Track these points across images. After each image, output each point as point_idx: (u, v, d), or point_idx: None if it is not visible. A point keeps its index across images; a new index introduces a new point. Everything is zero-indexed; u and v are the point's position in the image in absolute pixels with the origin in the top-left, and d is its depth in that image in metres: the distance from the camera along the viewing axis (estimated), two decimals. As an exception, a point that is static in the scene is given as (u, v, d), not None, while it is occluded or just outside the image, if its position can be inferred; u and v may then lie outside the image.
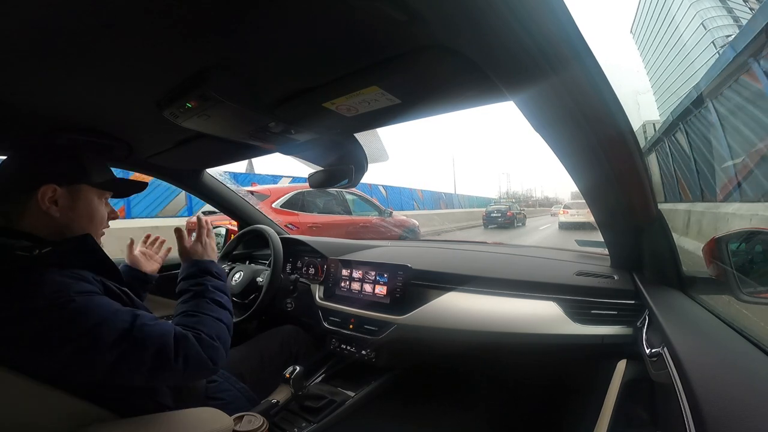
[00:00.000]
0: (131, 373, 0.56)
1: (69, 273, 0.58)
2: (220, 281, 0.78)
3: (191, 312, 0.68)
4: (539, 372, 1.10)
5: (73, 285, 0.57)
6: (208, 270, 0.79)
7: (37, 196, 0.62)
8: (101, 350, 0.53)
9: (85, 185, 0.68)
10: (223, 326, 0.69)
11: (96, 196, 0.70)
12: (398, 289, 1.10)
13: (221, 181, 1.44)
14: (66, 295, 0.54)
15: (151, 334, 0.57)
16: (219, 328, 0.67)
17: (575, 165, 0.68)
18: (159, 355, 0.57)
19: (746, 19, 6.21)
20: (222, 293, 0.76)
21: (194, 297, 0.72)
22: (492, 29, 0.40)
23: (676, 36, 35.87)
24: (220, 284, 0.78)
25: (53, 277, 0.56)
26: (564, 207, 13.63)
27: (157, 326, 0.59)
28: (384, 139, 0.94)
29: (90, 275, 0.62)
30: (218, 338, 0.65)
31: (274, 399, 0.97)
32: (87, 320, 0.54)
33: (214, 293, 0.74)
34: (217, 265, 0.82)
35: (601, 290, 0.88)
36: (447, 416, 1.13)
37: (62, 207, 0.64)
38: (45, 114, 0.71)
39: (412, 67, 0.53)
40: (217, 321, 0.68)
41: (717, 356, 0.51)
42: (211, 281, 0.76)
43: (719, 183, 6.04)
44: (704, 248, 0.73)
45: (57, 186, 0.64)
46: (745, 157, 5.05)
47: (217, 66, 0.55)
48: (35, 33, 0.44)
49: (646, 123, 20.27)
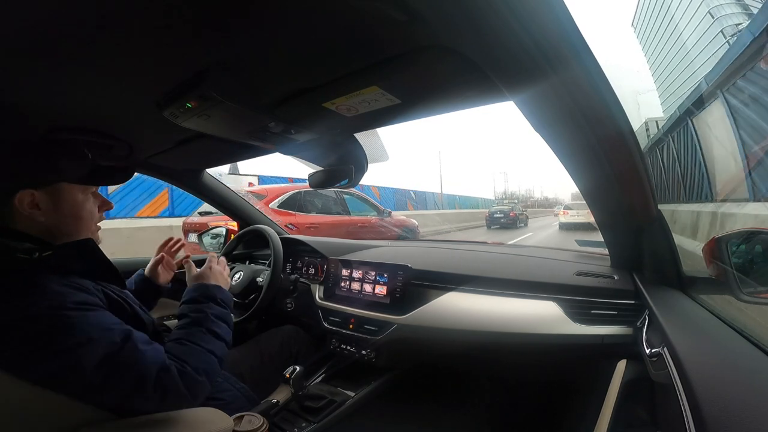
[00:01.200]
0: (107, 393, 0.55)
1: (69, 282, 0.58)
2: (223, 309, 0.75)
3: (184, 340, 0.66)
4: (539, 372, 1.10)
5: (70, 295, 0.56)
6: (211, 296, 0.76)
7: (15, 203, 0.60)
8: (83, 369, 0.52)
9: (64, 184, 0.66)
10: (213, 359, 0.66)
11: (79, 192, 0.68)
12: (398, 289, 1.10)
13: (221, 182, 1.44)
14: (61, 306, 0.54)
15: (136, 360, 0.56)
16: (208, 361, 0.65)
17: (575, 165, 0.68)
18: (137, 384, 0.55)
19: (757, 8, 6.08)
20: (222, 322, 0.73)
21: (191, 324, 0.69)
22: (492, 29, 0.40)
23: (681, 27, 33.06)
24: (223, 312, 0.75)
25: (52, 285, 0.56)
26: (564, 208, 13.70)
27: (146, 352, 0.57)
28: (384, 139, 0.94)
29: (91, 284, 0.61)
30: (204, 372, 0.63)
31: (274, 399, 0.97)
32: (75, 337, 0.53)
33: (213, 323, 0.71)
34: (224, 292, 0.79)
35: (601, 290, 0.88)
36: (447, 416, 1.13)
37: (45, 210, 0.63)
38: (45, 114, 0.71)
39: (412, 67, 0.53)
40: (209, 353, 0.65)
41: (717, 356, 0.51)
42: (213, 308, 0.74)
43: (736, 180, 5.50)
44: (704, 248, 0.73)
45: (34, 190, 0.61)
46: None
47: (217, 66, 0.55)
48: (35, 33, 0.44)
49: (648, 120, 19.21)
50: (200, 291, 0.77)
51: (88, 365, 0.52)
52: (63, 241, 0.64)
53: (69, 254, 0.62)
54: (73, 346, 0.52)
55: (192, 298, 0.75)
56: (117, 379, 0.54)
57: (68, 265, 0.60)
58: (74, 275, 0.60)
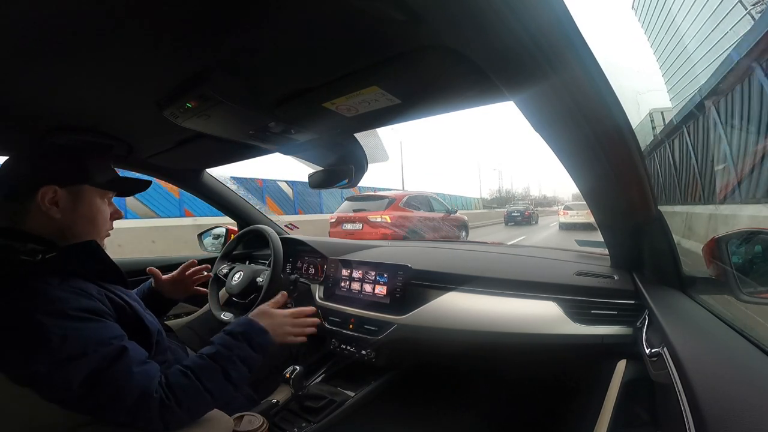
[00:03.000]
0: (85, 402, 0.53)
1: (70, 287, 0.57)
2: (253, 353, 0.69)
3: (190, 373, 0.61)
4: (539, 372, 1.10)
5: (72, 301, 0.55)
6: (249, 338, 0.70)
7: (38, 197, 0.61)
8: (69, 383, 0.51)
9: (87, 186, 0.67)
10: (207, 400, 0.61)
11: (98, 196, 0.69)
12: (398, 289, 1.10)
13: (222, 182, 1.44)
14: (61, 314, 0.53)
15: (121, 380, 0.54)
16: (200, 400, 0.61)
17: (575, 164, 0.68)
18: (114, 401, 0.54)
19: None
20: (244, 365, 0.67)
21: (211, 358, 0.65)
22: (492, 29, 0.40)
23: (699, 4, 26.84)
24: (251, 357, 0.69)
25: (53, 290, 0.55)
26: (564, 208, 13.76)
27: (134, 375, 0.55)
28: (384, 139, 0.94)
29: (94, 288, 0.60)
30: (189, 410, 0.59)
31: (274, 399, 0.97)
32: (69, 349, 0.52)
33: (234, 365, 0.65)
34: (266, 337, 0.73)
35: (601, 290, 0.88)
36: (447, 416, 1.13)
37: (63, 208, 0.63)
38: (45, 114, 0.71)
39: (412, 67, 0.53)
40: (206, 393, 0.61)
41: (717, 356, 0.51)
42: (244, 350, 0.68)
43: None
44: (704, 248, 0.73)
45: (58, 187, 0.63)
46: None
47: (217, 66, 0.55)
48: (35, 33, 0.44)
49: (653, 111, 16.13)
50: (243, 328, 0.71)
51: (75, 379, 0.51)
52: (70, 243, 0.64)
53: (72, 256, 0.61)
54: (66, 359, 0.52)
55: (231, 331, 0.71)
56: (98, 392, 0.53)
57: (71, 267, 0.60)
58: (77, 278, 0.60)
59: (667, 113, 11.77)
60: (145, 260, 1.68)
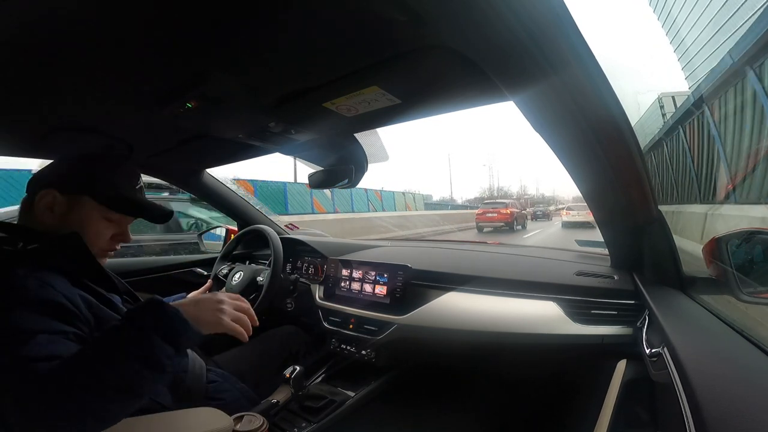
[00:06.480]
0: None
1: (39, 276, 0.54)
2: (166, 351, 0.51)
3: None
4: (539, 372, 1.10)
5: (28, 292, 0.52)
6: (160, 327, 0.51)
7: (36, 198, 0.62)
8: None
9: (87, 197, 0.66)
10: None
11: (96, 210, 0.66)
12: (398, 289, 1.10)
13: (221, 181, 1.44)
14: (16, 302, 0.50)
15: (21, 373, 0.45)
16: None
17: (575, 164, 0.68)
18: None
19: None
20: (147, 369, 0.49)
21: (97, 346, 0.50)
22: (492, 29, 0.40)
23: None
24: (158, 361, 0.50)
25: (17, 280, 0.52)
26: (567, 208, 14.91)
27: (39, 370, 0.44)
28: (384, 139, 0.94)
29: (62, 283, 0.56)
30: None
31: (274, 399, 0.97)
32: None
33: (120, 367, 0.47)
34: (188, 332, 0.54)
35: (601, 290, 0.88)
36: (447, 416, 1.13)
37: (57, 214, 0.63)
38: (45, 114, 0.71)
39: (412, 67, 0.53)
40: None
41: (717, 356, 0.51)
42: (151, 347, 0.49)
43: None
44: (704, 248, 0.73)
45: (58, 192, 0.63)
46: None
47: (217, 66, 0.55)
48: (35, 33, 0.44)
49: (662, 96, 13.75)
50: (149, 313, 0.52)
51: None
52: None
53: (52, 248, 0.60)
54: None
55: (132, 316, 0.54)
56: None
57: (50, 260, 0.58)
58: (49, 271, 0.56)
59: (679, 99, 10.10)
60: (145, 260, 1.68)
